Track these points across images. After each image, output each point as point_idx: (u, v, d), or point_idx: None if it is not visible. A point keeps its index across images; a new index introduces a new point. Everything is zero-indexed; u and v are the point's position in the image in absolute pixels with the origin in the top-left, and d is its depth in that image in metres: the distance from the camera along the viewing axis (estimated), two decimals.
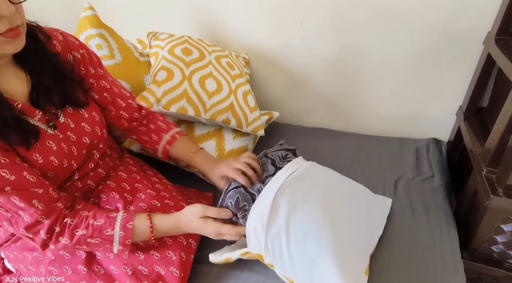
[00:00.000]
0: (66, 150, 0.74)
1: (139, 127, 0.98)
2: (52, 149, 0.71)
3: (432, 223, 0.95)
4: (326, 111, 1.44)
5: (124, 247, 0.73)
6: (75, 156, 0.76)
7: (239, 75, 1.21)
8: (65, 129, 0.75)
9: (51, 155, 0.70)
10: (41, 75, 0.71)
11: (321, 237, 0.75)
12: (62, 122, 0.75)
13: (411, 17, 1.11)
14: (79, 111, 0.79)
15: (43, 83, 0.71)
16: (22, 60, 0.70)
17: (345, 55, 1.27)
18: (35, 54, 0.70)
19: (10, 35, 0.59)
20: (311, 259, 0.74)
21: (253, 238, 0.77)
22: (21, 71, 0.70)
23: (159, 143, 0.95)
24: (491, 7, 1.01)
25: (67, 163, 0.74)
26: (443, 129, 1.31)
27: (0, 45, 0.59)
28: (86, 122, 0.79)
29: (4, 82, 0.66)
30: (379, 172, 1.14)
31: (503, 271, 0.97)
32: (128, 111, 0.93)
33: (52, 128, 0.72)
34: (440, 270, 0.83)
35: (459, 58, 1.15)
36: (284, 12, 1.24)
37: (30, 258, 0.77)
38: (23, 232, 0.67)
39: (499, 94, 1.01)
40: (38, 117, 0.70)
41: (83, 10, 1.09)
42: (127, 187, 0.87)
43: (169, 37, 1.19)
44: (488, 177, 0.88)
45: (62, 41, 0.77)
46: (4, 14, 0.56)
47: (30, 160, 0.67)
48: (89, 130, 0.80)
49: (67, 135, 0.75)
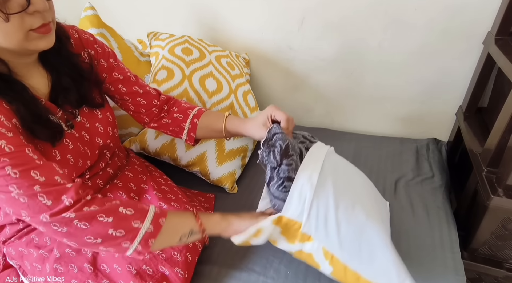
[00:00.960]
0: (82, 149, 0.75)
1: (160, 113, 0.93)
2: (69, 148, 0.72)
3: (432, 223, 0.95)
4: (326, 111, 1.44)
5: (143, 248, 0.64)
6: (89, 157, 0.77)
7: (239, 75, 1.21)
8: (80, 128, 0.76)
9: (68, 153, 0.71)
10: (61, 75, 0.72)
11: (369, 208, 0.73)
12: (78, 121, 0.76)
13: (411, 17, 1.12)
14: (94, 111, 0.80)
15: (62, 83, 0.72)
16: (45, 59, 0.71)
17: (345, 55, 1.27)
18: (57, 53, 0.71)
19: (42, 31, 0.60)
20: (359, 227, 0.70)
21: (296, 199, 0.69)
22: (43, 70, 0.72)
23: (186, 120, 0.91)
24: (491, 7, 1.01)
25: (82, 162, 0.75)
26: (443, 129, 1.31)
27: (33, 40, 0.60)
28: (100, 122, 0.80)
29: (30, 80, 0.68)
30: (379, 172, 1.14)
31: (503, 271, 0.97)
32: (146, 97, 0.90)
33: (70, 127, 0.73)
34: (440, 270, 0.83)
35: (459, 58, 1.15)
36: (284, 12, 1.25)
37: (35, 255, 0.77)
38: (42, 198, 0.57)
39: (499, 94, 1.01)
40: (59, 115, 0.71)
41: (83, 10, 1.09)
42: (133, 187, 0.87)
43: (169, 37, 1.19)
44: (488, 177, 0.88)
45: (77, 39, 0.78)
46: (38, 9, 0.57)
47: (49, 156, 0.67)
48: (102, 130, 0.80)
49: (81, 135, 0.76)
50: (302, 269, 0.83)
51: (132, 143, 1.09)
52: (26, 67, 0.67)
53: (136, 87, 0.88)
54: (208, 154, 1.10)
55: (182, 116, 0.91)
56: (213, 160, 1.09)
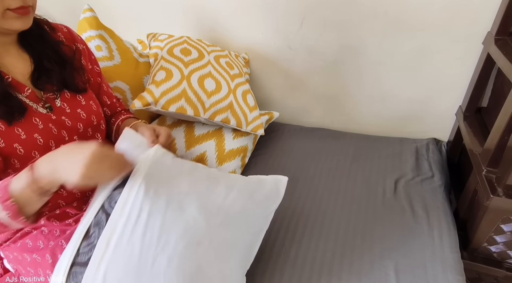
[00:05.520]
0: (54, 131, 0.74)
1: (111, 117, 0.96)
2: (38, 127, 0.71)
3: (432, 223, 0.95)
4: (326, 111, 1.44)
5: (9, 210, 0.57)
6: (66, 141, 0.76)
7: (239, 75, 1.21)
8: (60, 113, 0.76)
9: (35, 132, 0.70)
10: (43, 57, 0.75)
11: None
12: (58, 106, 0.76)
13: (411, 17, 1.11)
14: (76, 97, 0.80)
15: (44, 65, 0.75)
16: (26, 43, 0.74)
17: (345, 55, 1.27)
18: (39, 37, 0.74)
19: (20, 12, 0.63)
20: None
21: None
22: (24, 53, 0.74)
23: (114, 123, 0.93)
24: (491, 7, 1.01)
25: (55, 145, 0.74)
26: (443, 129, 1.31)
27: (9, 20, 0.63)
28: (82, 109, 0.80)
29: (5, 58, 0.70)
30: (379, 172, 1.14)
31: (503, 271, 0.97)
32: (111, 108, 0.95)
33: (48, 109, 0.74)
34: (440, 270, 0.83)
35: (458, 58, 1.14)
36: (284, 12, 1.24)
37: (29, 259, 0.77)
38: None
39: (498, 94, 1.01)
40: (27, 93, 0.71)
41: (82, 12, 1.09)
42: None
43: (168, 38, 1.19)
44: (488, 177, 0.88)
45: (67, 33, 0.83)
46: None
47: (11, 134, 0.67)
48: (84, 117, 0.80)
49: (61, 119, 0.76)
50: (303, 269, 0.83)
51: None
52: (2, 46, 0.70)
53: (105, 98, 0.93)
54: (208, 154, 1.10)
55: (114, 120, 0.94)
56: (213, 160, 1.09)
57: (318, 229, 0.94)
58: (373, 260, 0.86)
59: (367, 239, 0.91)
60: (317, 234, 0.93)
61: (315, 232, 0.94)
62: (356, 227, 0.95)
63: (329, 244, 0.90)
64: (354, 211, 1.00)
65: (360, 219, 0.97)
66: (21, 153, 0.68)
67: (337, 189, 1.08)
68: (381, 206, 1.01)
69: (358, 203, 1.02)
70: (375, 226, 0.95)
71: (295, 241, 0.91)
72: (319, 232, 0.94)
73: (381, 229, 0.94)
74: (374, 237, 0.92)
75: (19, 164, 0.69)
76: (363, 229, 0.94)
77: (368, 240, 0.91)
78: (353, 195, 1.05)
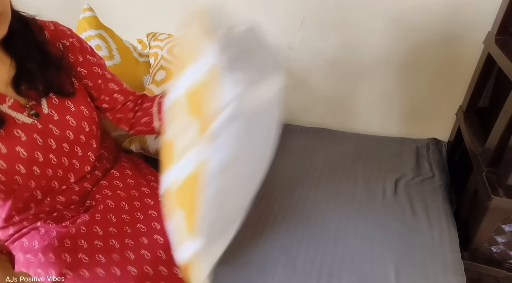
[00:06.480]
0: (39, 142, 0.71)
1: (135, 107, 0.90)
2: (20, 139, 0.68)
3: (432, 223, 0.94)
4: (326, 111, 1.44)
5: None
6: (53, 150, 0.73)
7: None
8: (47, 121, 0.73)
9: (17, 145, 0.68)
10: (26, 60, 0.70)
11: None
12: (46, 113, 0.73)
13: (411, 17, 1.11)
14: (65, 103, 0.76)
15: (27, 67, 0.70)
16: (9, 47, 0.69)
17: (345, 55, 1.26)
18: (21, 39, 0.69)
19: None
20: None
21: None
22: (6, 57, 0.69)
23: (152, 106, 0.87)
24: (491, 7, 1.01)
25: (43, 156, 0.71)
26: (443, 129, 1.31)
27: None
28: (71, 115, 0.76)
29: None
30: (379, 172, 1.13)
31: (504, 272, 0.97)
32: (122, 93, 0.88)
33: (34, 116, 0.70)
34: (440, 270, 0.83)
35: (459, 58, 1.14)
36: (284, 12, 1.24)
37: (22, 259, 0.76)
38: None
39: (499, 94, 1.01)
40: (9, 104, 0.68)
41: (82, 11, 1.09)
42: (120, 185, 0.85)
43: (168, 38, 1.19)
44: (488, 177, 0.88)
45: (52, 31, 0.76)
46: None
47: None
48: (74, 124, 0.76)
49: (48, 128, 0.73)
50: (302, 268, 0.83)
51: (132, 143, 1.09)
52: None
53: (113, 84, 0.87)
54: None
55: (150, 103, 0.89)
56: None
57: (318, 229, 0.94)
58: (373, 260, 0.86)
59: (367, 239, 0.91)
60: (317, 234, 0.93)
61: (315, 232, 0.93)
62: (356, 227, 0.94)
63: (329, 244, 0.90)
64: (354, 211, 1.00)
65: (360, 219, 0.97)
66: (4, 167, 0.66)
67: (337, 189, 1.08)
68: (381, 206, 1.01)
69: (358, 203, 1.02)
70: (375, 226, 0.94)
71: (295, 241, 0.91)
72: (319, 232, 0.93)
73: (381, 229, 0.93)
74: (374, 237, 0.92)
75: (4, 178, 0.67)
76: (363, 229, 0.94)
77: (368, 240, 0.91)
78: (353, 195, 1.05)
